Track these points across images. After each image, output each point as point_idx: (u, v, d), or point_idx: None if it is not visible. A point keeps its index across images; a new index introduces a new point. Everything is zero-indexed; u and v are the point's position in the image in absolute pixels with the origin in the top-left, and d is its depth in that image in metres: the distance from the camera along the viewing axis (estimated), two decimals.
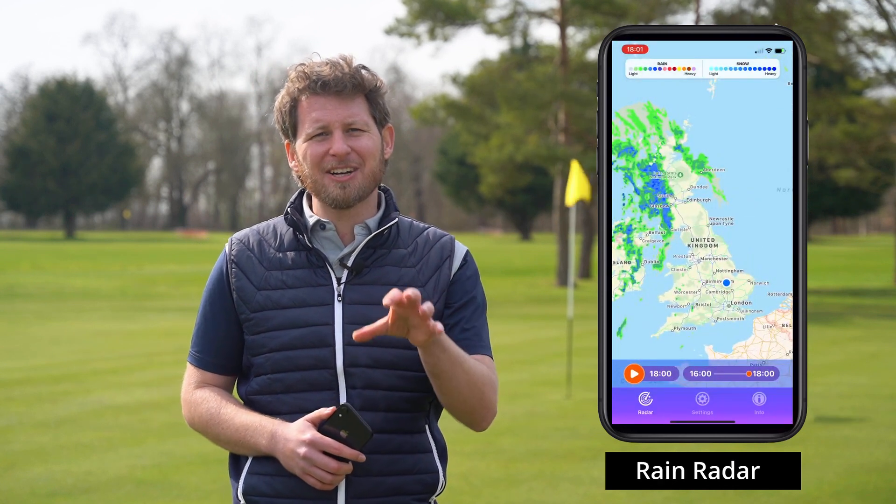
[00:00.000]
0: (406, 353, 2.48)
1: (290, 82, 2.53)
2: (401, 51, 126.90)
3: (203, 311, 2.61)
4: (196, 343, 2.62)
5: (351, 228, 2.55)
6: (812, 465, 8.16)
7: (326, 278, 2.51)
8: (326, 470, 2.38)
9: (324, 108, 2.49)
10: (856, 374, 13.59)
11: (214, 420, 2.53)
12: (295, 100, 2.52)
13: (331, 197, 2.50)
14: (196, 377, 2.62)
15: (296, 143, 2.55)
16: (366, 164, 2.51)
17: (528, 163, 33.58)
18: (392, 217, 2.57)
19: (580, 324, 14.22)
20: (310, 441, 2.38)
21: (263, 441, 2.45)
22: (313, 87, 2.49)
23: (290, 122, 2.54)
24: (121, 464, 8.06)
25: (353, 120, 2.50)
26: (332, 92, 2.49)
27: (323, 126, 2.49)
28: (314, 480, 2.40)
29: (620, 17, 32.93)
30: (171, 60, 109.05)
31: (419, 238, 2.60)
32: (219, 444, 2.57)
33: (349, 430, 2.39)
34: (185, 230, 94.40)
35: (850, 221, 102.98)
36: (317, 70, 2.50)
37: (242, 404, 2.57)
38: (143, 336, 17.86)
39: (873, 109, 32.65)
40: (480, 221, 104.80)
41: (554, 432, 9.45)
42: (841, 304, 26.86)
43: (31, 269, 37.25)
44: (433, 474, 2.54)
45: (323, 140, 2.50)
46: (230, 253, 2.58)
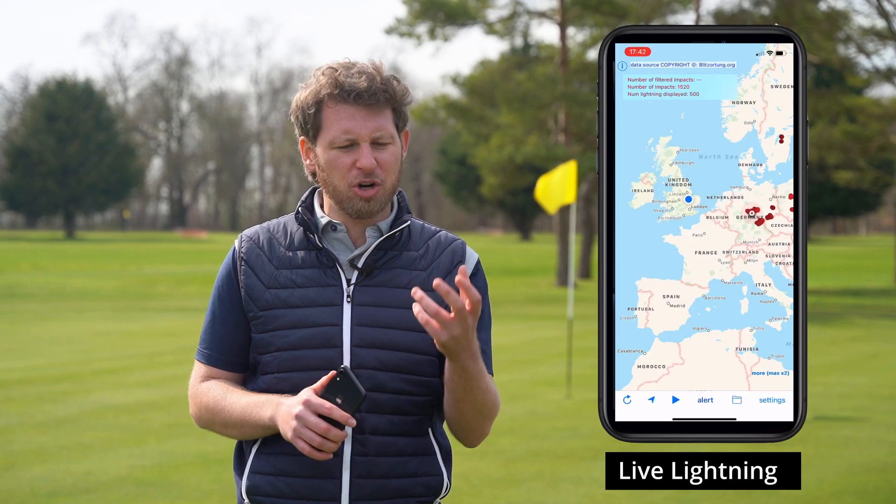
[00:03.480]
0: (413, 356, 2.48)
1: (318, 84, 2.49)
2: (401, 51, 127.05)
3: (212, 307, 2.60)
4: (204, 340, 2.61)
5: (363, 230, 2.54)
6: (812, 465, 8.16)
7: (336, 279, 2.50)
8: (316, 431, 2.33)
9: (353, 119, 2.46)
10: (856, 374, 13.59)
11: (221, 404, 2.51)
12: (321, 102, 2.48)
13: (354, 209, 2.50)
14: (203, 373, 2.60)
15: (315, 145, 2.53)
16: (388, 178, 2.50)
17: (529, 163, 33.58)
18: (404, 219, 2.56)
19: (580, 324, 14.22)
20: (305, 401, 2.35)
21: (268, 412, 2.42)
22: (345, 95, 2.46)
23: (312, 123, 2.51)
24: (121, 464, 8.06)
25: (381, 133, 2.48)
26: (363, 103, 2.46)
27: (351, 138, 2.47)
28: (304, 444, 2.34)
29: (621, 17, 32.93)
30: (171, 60, 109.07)
31: (431, 241, 2.59)
32: (226, 430, 2.53)
33: (345, 396, 2.36)
34: (184, 230, 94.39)
35: (850, 221, 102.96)
36: (351, 80, 2.46)
37: (247, 391, 2.54)
38: (143, 336, 17.86)
39: (873, 109, 32.65)
40: (480, 221, 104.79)
41: (554, 432, 9.45)
42: (841, 304, 26.86)
43: (31, 269, 37.25)
44: (437, 477, 2.53)
45: (350, 151, 2.48)
46: (240, 250, 2.57)
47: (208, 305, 2.62)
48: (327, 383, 2.37)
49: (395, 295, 2.50)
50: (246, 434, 2.51)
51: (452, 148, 78.30)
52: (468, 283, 2.21)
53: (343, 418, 2.34)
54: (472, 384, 2.39)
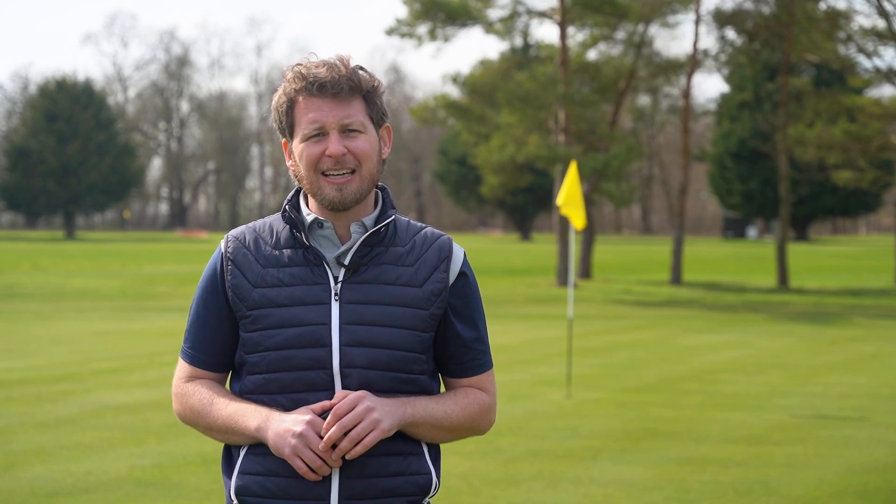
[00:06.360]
0: (401, 354, 2.49)
1: (286, 82, 2.53)
2: (401, 51, 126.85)
3: (196, 307, 2.60)
4: (188, 339, 2.61)
5: (348, 227, 2.54)
6: (812, 465, 8.16)
7: (323, 276, 2.50)
8: (319, 453, 2.37)
9: (320, 110, 2.48)
10: (856, 374, 13.59)
11: (206, 409, 2.52)
12: (291, 100, 2.51)
13: (327, 199, 2.50)
14: (187, 372, 2.61)
15: (293, 142, 2.54)
16: (363, 166, 2.50)
17: (529, 163, 33.58)
18: (389, 214, 2.56)
19: (580, 324, 14.23)
20: (310, 421, 2.38)
21: (255, 423, 2.44)
22: (310, 88, 2.48)
23: (286, 121, 2.53)
24: (121, 464, 8.06)
25: (349, 121, 2.49)
26: (328, 93, 2.48)
27: (319, 127, 2.48)
28: (301, 464, 2.37)
29: (621, 17, 32.91)
30: (171, 60, 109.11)
31: (417, 237, 2.59)
32: (210, 433, 2.55)
33: None
34: (184, 230, 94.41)
35: (850, 221, 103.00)
36: (314, 71, 2.49)
37: (234, 395, 2.56)
38: (143, 336, 17.86)
39: (873, 109, 32.63)
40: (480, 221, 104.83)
41: (553, 432, 9.45)
42: (841, 304, 26.86)
43: (31, 269, 37.24)
44: (426, 476, 2.53)
45: (319, 141, 2.49)
46: (226, 250, 2.57)
47: (192, 305, 2.62)
48: (330, 408, 2.41)
49: (383, 292, 2.50)
50: (229, 440, 2.52)
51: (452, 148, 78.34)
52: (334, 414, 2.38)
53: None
54: (438, 431, 2.54)
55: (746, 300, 28.29)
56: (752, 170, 64.71)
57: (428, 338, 2.53)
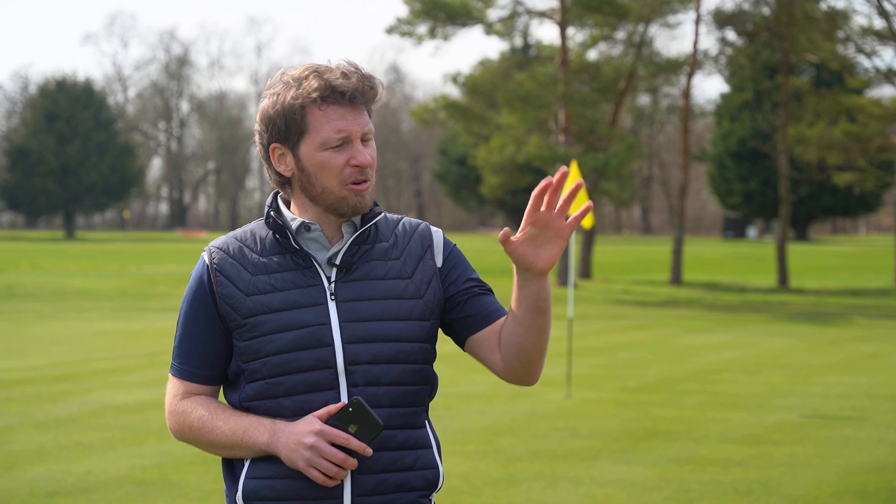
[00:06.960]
0: (405, 345, 2.50)
1: (299, 86, 2.48)
2: (401, 50, 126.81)
3: (184, 322, 2.57)
4: (179, 355, 2.59)
5: (338, 227, 2.55)
6: (812, 465, 8.17)
7: (316, 278, 2.50)
8: (333, 461, 2.36)
9: (344, 118, 2.47)
10: (856, 374, 13.60)
11: (208, 426, 2.51)
12: (307, 106, 2.48)
13: (350, 206, 2.50)
14: (181, 389, 2.59)
15: (296, 149, 2.51)
16: (372, 171, 2.54)
17: (529, 164, 33.58)
18: (376, 212, 2.57)
19: (580, 324, 14.24)
20: (319, 431, 2.37)
21: (264, 438, 2.43)
22: (338, 97, 2.47)
23: (294, 126, 2.49)
24: (121, 464, 8.06)
25: (368, 129, 2.51)
26: (355, 102, 2.49)
27: (346, 136, 2.48)
28: (318, 474, 2.38)
29: (621, 17, 32.91)
30: (170, 60, 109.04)
31: (397, 230, 2.61)
32: (212, 450, 2.53)
33: (359, 425, 2.38)
34: (184, 230, 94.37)
35: (850, 221, 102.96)
36: (338, 80, 2.47)
37: (233, 409, 2.54)
38: (143, 336, 17.86)
39: (873, 109, 32.64)
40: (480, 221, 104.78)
41: (554, 432, 9.45)
42: (841, 304, 26.86)
43: (31, 269, 37.24)
44: (434, 470, 2.54)
45: (342, 150, 2.49)
46: (211, 262, 2.55)
47: (179, 319, 2.60)
48: (336, 412, 2.40)
49: (377, 287, 2.51)
50: (235, 455, 2.51)
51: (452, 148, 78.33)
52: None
53: (360, 448, 2.38)
54: (549, 301, 2.48)
55: (746, 300, 28.30)
56: (752, 170, 64.69)
57: (427, 326, 2.54)
